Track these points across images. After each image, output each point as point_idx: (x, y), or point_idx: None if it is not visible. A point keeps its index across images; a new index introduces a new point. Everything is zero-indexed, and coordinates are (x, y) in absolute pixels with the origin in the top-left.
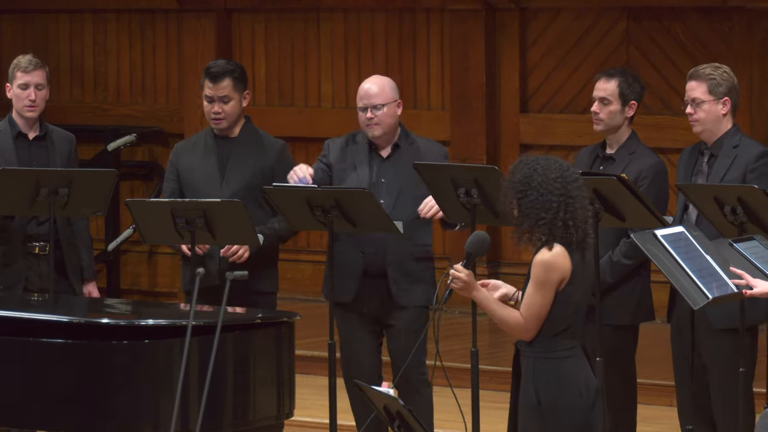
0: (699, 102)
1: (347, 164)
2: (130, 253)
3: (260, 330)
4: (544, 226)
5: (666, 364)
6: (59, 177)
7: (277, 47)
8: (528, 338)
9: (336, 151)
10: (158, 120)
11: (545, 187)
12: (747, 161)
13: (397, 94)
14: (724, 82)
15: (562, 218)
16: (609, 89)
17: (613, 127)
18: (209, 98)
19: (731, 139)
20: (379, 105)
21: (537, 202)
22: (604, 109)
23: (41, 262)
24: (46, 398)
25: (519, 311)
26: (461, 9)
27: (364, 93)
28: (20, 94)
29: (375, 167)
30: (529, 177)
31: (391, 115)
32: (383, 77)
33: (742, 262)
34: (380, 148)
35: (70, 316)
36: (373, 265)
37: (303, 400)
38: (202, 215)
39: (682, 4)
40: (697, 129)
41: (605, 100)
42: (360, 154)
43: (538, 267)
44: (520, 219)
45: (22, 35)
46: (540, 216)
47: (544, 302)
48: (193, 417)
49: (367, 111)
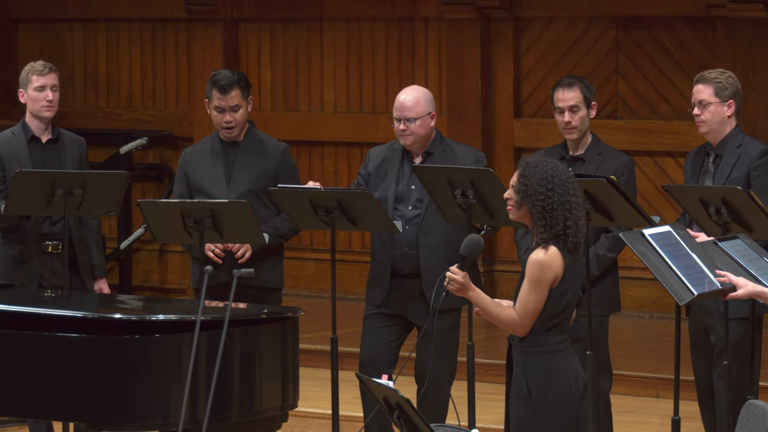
0: (706, 104)
1: (381, 172)
2: (142, 252)
3: (266, 325)
4: (572, 227)
5: (651, 356)
6: (74, 179)
7: (281, 55)
8: (522, 334)
9: (375, 160)
10: (168, 124)
11: (563, 188)
12: (751, 159)
13: (432, 105)
14: (729, 86)
15: (570, 219)
16: (575, 96)
17: (584, 130)
18: (219, 108)
19: (735, 139)
20: (412, 118)
21: (560, 205)
22: (575, 117)
23: (54, 260)
24: (60, 390)
25: (513, 309)
26: (458, 18)
27: (399, 105)
28: (37, 96)
29: (405, 175)
30: (547, 179)
31: (424, 127)
32: (420, 89)
33: (727, 261)
34: (414, 155)
35: (83, 312)
36: (404, 267)
37: (306, 391)
38: (210, 215)
39: (669, 14)
40: (703, 129)
41: (575, 107)
42: (394, 162)
43: (534, 266)
44: (544, 218)
45: (39, 43)
46: (567, 217)
47: (538, 300)
48: (202, 408)
49: (401, 122)
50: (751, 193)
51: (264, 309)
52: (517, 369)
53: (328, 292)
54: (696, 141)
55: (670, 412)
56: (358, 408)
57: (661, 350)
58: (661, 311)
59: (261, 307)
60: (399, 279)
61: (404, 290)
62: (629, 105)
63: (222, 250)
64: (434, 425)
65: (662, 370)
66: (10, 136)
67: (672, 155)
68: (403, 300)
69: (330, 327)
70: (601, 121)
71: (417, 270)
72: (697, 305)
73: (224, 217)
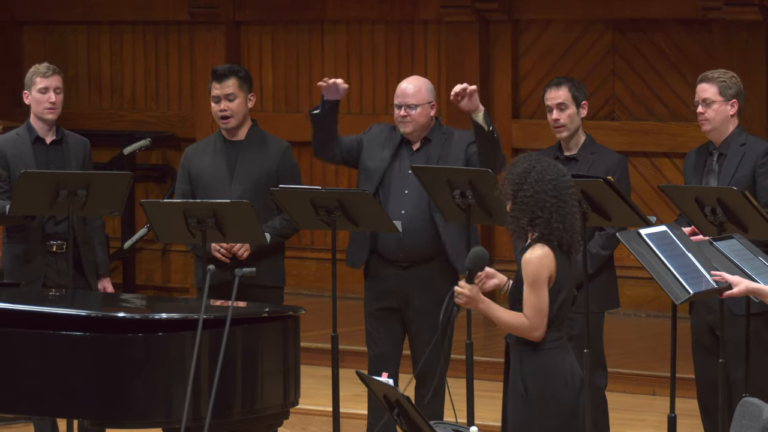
0: (710, 102)
1: (377, 143)
2: (145, 251)
3: (268, 323)
4: (541, 224)
5: (648, 355)
6: (78, 179)
7: (283, 57)
8: (538, 336)
9: (376, 131)
10: (171, 125)
11: (540, 185)
12: (756, 157)
13: (433, 96)
14: (733, 86)
15: (556, 220)
16: (562, 95)
17: (574, 130)
18: (216, 98)
19: (738, 138)
20: (413, 105)
21: (531, 199)
22: (563, 114)
23: (59, 260)
24: (65, 388)
25: (523, 313)
26: (457, 21)
27: (401, 92)
28: (40, 98)
29: (405, 158)
30: (526, 172)
31: (424, 115)
32: (422, 78)
33: (722, 260)
34: (412, 142)
35: (87, 311)
36: (396, 254)
37: (307, 389)
38: (212, 215)
39: (665, 17)
40: (706, 128)
41: (563, 105)
42: (392, 140)
43: (528, 267)
44: (514, 212)
45: (43, 46)
46: (536, 214)
47: (541, 299)
48: (205, 405)
49: (402, 109)
50: (746, 194)
51: (266, 308)
52: (513, 367)
53: (329, 291)
54: (692, 142)
55: (667, 409)
56: (358, 405)
57: (657, 348)
58: (658, 310)
59: (263, 306)
60: (392, 267)
61: (400, 279)
62: (626, 106)
63: (227, 250)
64: (433, 422)
65: (659, 368)
66: (15, 137)
67: (668, 156)
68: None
69: (331, 325)
70: (598, 122)
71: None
72: (701, 304)
73: (226, 217)
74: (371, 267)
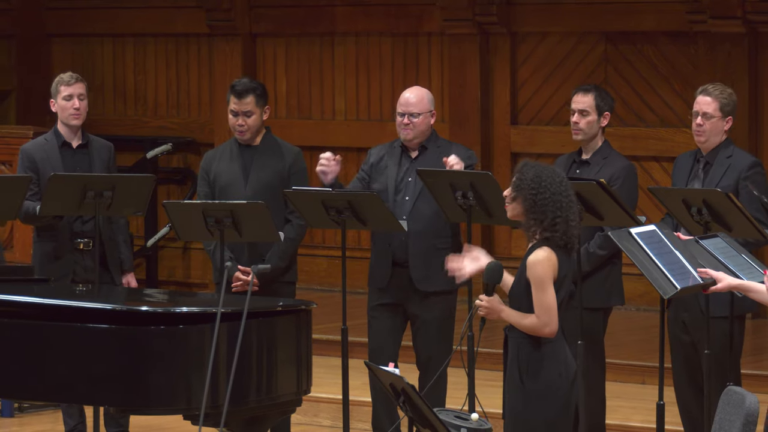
0: (709, 116)
1: (383, 165)
2: (167, 249)
3: (281, 316)
4: (561, 223)
5: (638, 346)
6: (104, 181)
7: (296, 67)
8: (550, 332)
9: (376, 156)
10: (191, 131)
11: (554, 187)
12: (740, 169)
13: (433, 105)
14: (731, 103)
15: (572, 219)
16: (587, 102)
17: (591, 135)
18: (234, 112)
19: (725, 150)
20: (415, 113)
21: (550, 201)
22: (582, 120)
23: (86, 257)
24: (91, 377)
25: (534, 313)
26: (458, 33)
27: (404, 101)
28: (65, 105)
29: (404, 167)
30: (538, 177)
31: (425, 123)
32: (423, 89)
33: (708, 257)
34: (410, 150)
35: (113, 304)
36: (399, 255)
37: (319, 378)
38: (230, 215)
39: (654, 29)
40: (700, 139)
41: (584, 111)
42: (394, 156)
43: (536, 268)
44: (536, 214)
45: (71, 57)
46: (556, 214)
47: (550, 296)
48: (222, 393)
49: (404, 117)
50: (730, 195)
51: (280, 302)
52: (510, 358)
53: (339, 286)
54: (679, 146)
55: (656, 397)
56: (366, 393)
57: (647, 340)
58: (648, 304)
59: (277, 300)
60: (396, 268)
61: (401, 278)
62: (617, 113)
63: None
64: (437, 410)
65: (648, 359)
66: (43, 143)
67: (657, 160)
68: (398, 288)
69: (341, 318)
70: None
71: (407, 256)
72: (678, 301)
73: (243, 217)
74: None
